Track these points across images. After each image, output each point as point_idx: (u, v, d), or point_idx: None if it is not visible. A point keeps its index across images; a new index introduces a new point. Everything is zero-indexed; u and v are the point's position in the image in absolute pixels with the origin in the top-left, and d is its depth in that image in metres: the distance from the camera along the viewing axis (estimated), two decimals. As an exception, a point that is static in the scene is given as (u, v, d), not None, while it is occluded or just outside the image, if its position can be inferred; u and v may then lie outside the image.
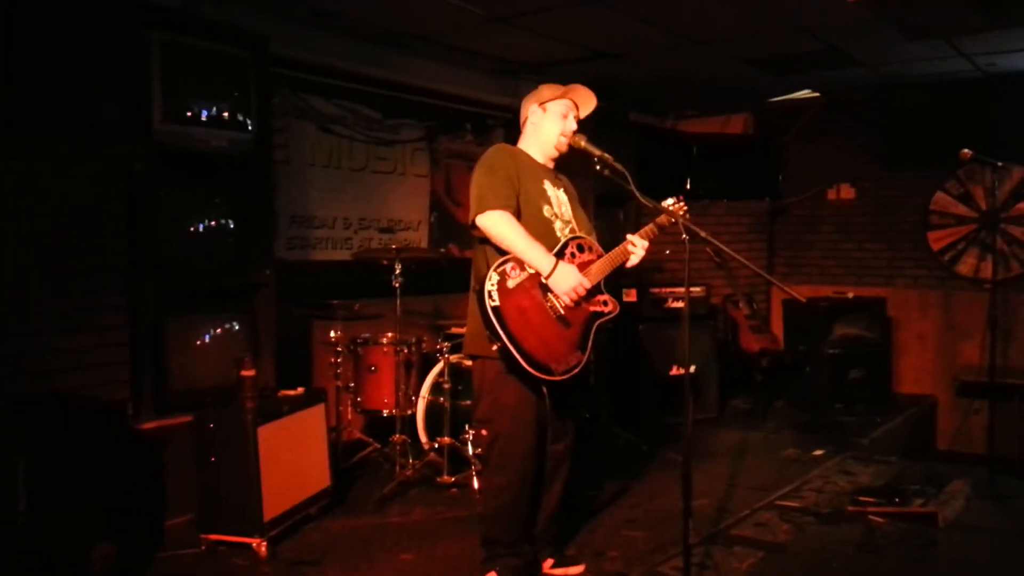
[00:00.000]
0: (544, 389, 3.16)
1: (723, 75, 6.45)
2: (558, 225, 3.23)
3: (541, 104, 3.31)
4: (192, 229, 4.19)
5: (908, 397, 6.96)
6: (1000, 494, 4.39)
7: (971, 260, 6.95)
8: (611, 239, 7.40)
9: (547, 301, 3.07)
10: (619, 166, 3.18)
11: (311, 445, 4.07)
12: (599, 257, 3.23)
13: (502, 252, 3.08)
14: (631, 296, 6.11)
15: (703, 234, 3.06)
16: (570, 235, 3.24)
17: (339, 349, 4.78)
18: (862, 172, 7.52)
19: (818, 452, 5.30)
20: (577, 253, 3.19)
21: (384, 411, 4.76)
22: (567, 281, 3.05)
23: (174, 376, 4.01)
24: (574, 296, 3.08)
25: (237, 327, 4.31)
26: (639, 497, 4.42)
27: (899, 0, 3.13)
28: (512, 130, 3.77)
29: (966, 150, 4.41)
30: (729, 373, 6.71)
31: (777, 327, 7.53)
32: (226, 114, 4.15)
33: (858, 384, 6.48)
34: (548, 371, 3.03)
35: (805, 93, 7.33)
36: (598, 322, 3.20)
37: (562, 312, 3.08)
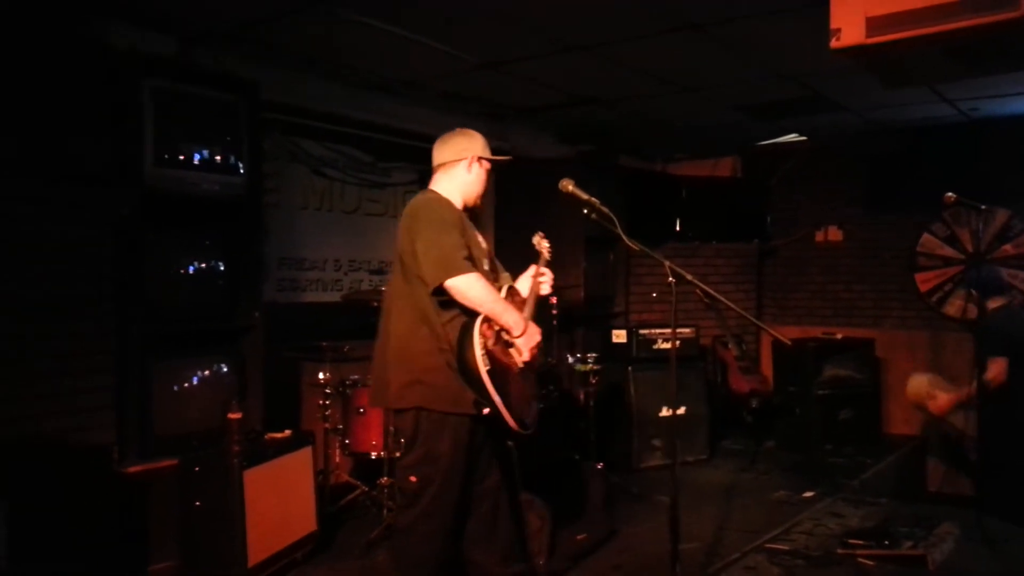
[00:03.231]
0: (509, 443, 3.20)
1: (711, 120, 6.54)
2: (490, 276, 3.20)
3: (479, 159, 3.30)
4: (181, 272, 4.21)
5: (897, 438, 6.95)
6: (989, 537, 4.38)
7: (958, 301, 6.99)
8: (600, 280, 7.39)
9: (508, 357, 3.02)
10: (606, 210, 3.21)
11: (298, 489, 4.04)
12: (523, 300, 3.21)
13: (448, 309, 3.00)
14: (620, 337, 6.13)
15: (689, 277, 3.10)
16: (497, 282, 3.21)
17: (328, 391, 4.76)
18: (849, 214, 7.61)
19: (808, 494, 5.29)
20: (514, 301, 3.16)
21: (372, 453, 4.73)
22: (534, 337, 3.05)
23: (160, 419, 3.99)
24: (536, 351, 3.07)
25: (224, 370, 4.30)
26: (627, 541, 4.39)
27: (878, 48, 3.19)
28: (500, 174, 3.75)
29: (950, 193, 4.47)
30: (719, 414, 6.71)
31: (767, 368, 7.54)
32: (218, 158, 4.21)
33: (848, 425, 6.48)
34: (525, 426, 3.01)
35: (792, 137, 7.44)
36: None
37: (521, 366, 3.05)
